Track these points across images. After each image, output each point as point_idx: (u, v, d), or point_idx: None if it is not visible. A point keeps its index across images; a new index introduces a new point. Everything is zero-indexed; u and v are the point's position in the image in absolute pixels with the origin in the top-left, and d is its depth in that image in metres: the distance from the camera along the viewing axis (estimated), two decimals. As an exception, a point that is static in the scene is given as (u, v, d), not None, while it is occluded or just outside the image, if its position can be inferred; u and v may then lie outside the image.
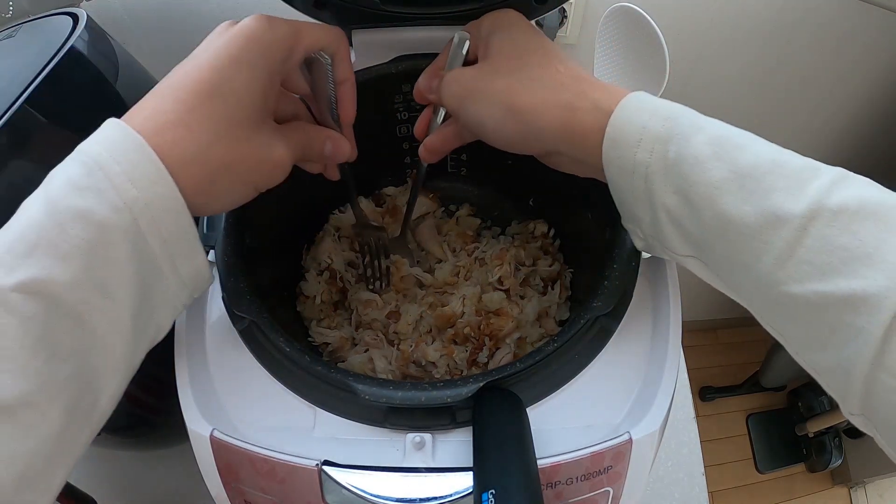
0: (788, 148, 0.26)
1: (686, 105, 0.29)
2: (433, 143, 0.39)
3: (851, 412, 0.25)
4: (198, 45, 0.30)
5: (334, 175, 0.40)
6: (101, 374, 0.26)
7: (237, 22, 0.30)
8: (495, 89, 0.32)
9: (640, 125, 0.28)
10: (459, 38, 0.37)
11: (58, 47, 0.39)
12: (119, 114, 0.27)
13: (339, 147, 0.36)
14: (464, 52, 0.37)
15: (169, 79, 0.28)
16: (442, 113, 0.39)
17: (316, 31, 0.32)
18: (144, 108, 0.27)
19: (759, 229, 0.25)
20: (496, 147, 0.34)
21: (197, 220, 0.28)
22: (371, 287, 0.50)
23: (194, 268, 0.29)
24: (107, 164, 0.25)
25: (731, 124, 0.28)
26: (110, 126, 0.26)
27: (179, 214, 0.27)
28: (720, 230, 0.26)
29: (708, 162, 0.26)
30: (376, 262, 0.49)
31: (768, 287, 0.25)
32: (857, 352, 0.22)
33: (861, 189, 0.24)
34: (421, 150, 0.40)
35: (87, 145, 0.26)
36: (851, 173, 0.25)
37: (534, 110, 0.31)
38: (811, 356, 0.26)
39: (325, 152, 0.35)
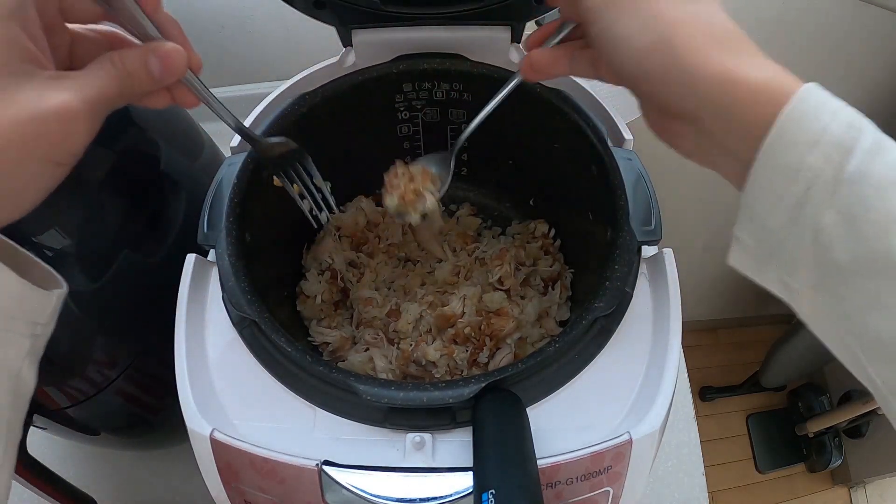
0: None
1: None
2: (540, 58, 0.33)
3: None
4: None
5: (189, 99, 0.30)
6: None
7: None
8: (655, 9, 0.27)
9: (820, 125, 0.23)
10: None
11: (58, 47, 0.39)
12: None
13: (168, 57, 0.27)
14: None
15: None
16: (564, 29, 0.33)
17: None
18: None
19: None
20: (619, 78, 0.29)
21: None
22: (315, 215, 0.42)
23: (6, 295, 0.23)
24: None
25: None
26: None
27: None
28: (881, 267, 0.23)
29: (890, 189, 0.23)
30: (311, 187, 0.41)
31: None
32: None
33: None
34: (524, 62, 0.34)
35: None
36: None
37: (696, 54, 0.26)
38: None
39: (152, 71, 0.26)
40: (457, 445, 0.32)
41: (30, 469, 0.40)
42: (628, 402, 0.34)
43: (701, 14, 0.27)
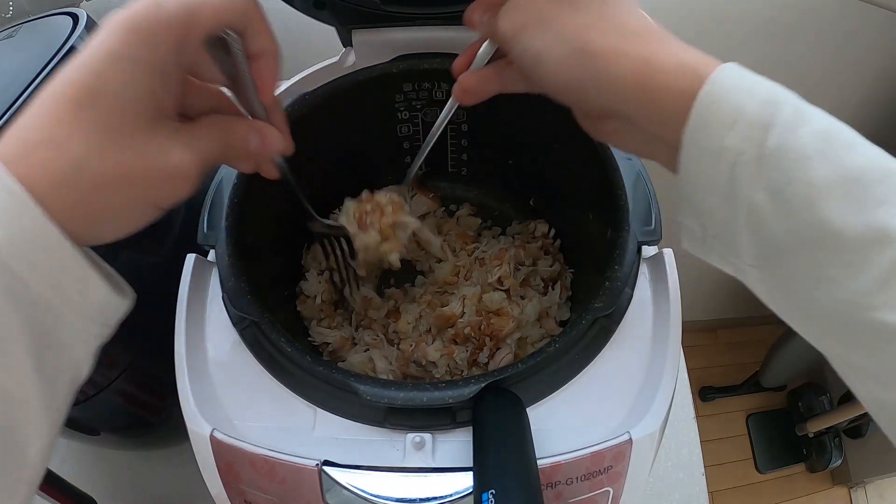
0: None
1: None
2: (471, 81, 0.34)
3: None
4: None
5: (271, 172, 0.33)
6: (22, 428, 0.23)
7: None
8: (566, 24, 0.27)
9: (736, 104, 0.24)
10: None
11: (58, 47, 0.39)
12: None
13: (266, 138, 0.30)
14: None
15: (45, 88, 0.24)
16: (488, 50, 0.34)
17: (216, 4, 0.26)
18: (11, 129, 0.23)
19: (862, 243, 0.22)
20: (546, 90, 0.30)
21: (95, 248, 0.26)
22: (341, 288, 0.48)
23: (95, 301, 0.25)
24: None
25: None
26: None
27: (55, 247, 0.23)
28: (813, 238, 0.23)
29: (813, 159, 0.23)
30: (342, 263, 0.46)
31: (856, 309, 0.23)
32: None
33: None
34: (456, 88, 0.35)
35: None
36: None
37: (608, 56, 0.26)
38: (882, 392, 0.24)
39: (249, 147, 0.30)
40: (457, 445, 0.32)
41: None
42: (628, 402, 0.34)
43: (610, 16, 0.27)
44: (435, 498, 0.30)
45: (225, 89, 0.30)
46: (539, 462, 0.30)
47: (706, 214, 0.26)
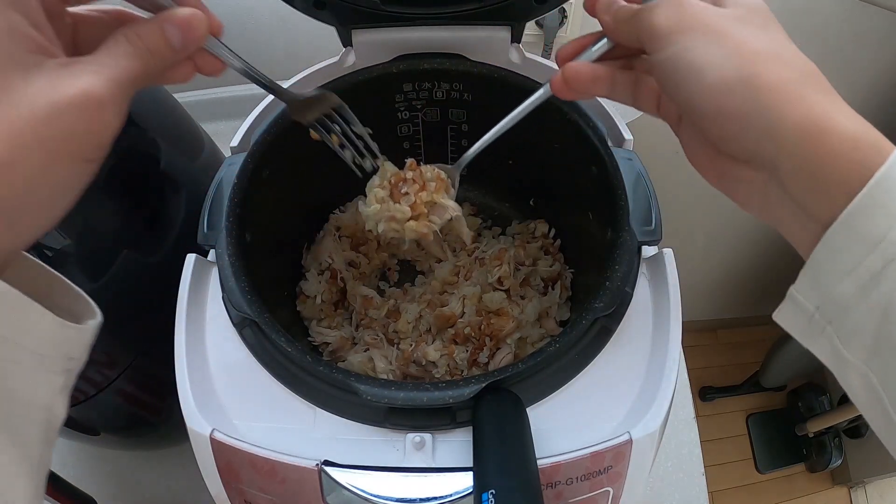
0: None
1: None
2: (580, 74, 0.29)
3: None
4: None
5: (215, 65, 0.27)
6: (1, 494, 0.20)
7: None
8: (738, 42, 0.24)
9: None
10: None
11: (58, 47, 0.39)
12: None
13: (187, 25, 0.24)
14: None
15: None
16: (602, 46, 0.29)
17: None
18: None
19: None
20: (683, 111, 0.26)
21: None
22: (359, 164, 0.39)
23: (42, 335, 0.21)
24: None
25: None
26: None
27: None
28: None
29: None
30: (351, 135, 0.38)
31: None
32: None
33: None
34: (557, 78, 0.30)
35: None
36: None
37: (783, 96, 0.23)
38: None
39: (173, 43, 0.24)
40: (457, 445, 0.32)
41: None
42: (628, 402, 0.34)
43: (783, 49, 0.24)
44: (435, 498, 0.30)
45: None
46: (539, 462, 0.30)
47: (830, 299, 0.23)
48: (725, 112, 0.24)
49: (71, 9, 0.24)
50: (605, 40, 0.29)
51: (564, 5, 0.64)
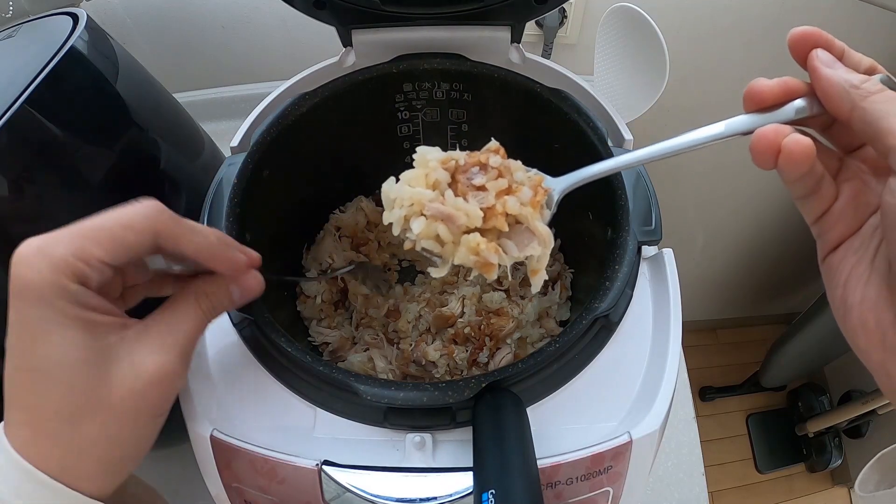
0: None
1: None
2: (808, 149, 0.21)
3: None
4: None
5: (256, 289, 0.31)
6: None
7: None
8: None
9: None
10: None
11: (58, 47, 0.39)
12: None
13: (246, 285, 0.29)
14: None
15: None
16: (804, 109, 0.23)
17: (105, 242, 0.23)
18: (20, 426, 0.23)
19: None
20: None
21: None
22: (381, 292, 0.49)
23: None
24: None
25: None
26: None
27: None
28: None
29: None
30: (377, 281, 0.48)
31: None
32: None
33: None
34: (765, 140, 0.22)
35: None
36: None
37: None
38: None
39: (234, 298, 0.29)
40: (457, 445, 0.32)
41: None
42: (628, 402, 0.34)
43: None
44: (435, 498, 0.30)
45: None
46: (539, 462, 0.30)
47: None
48: None
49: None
50: (807, 102, 0.21)
51: (564, 5, 0.64)
